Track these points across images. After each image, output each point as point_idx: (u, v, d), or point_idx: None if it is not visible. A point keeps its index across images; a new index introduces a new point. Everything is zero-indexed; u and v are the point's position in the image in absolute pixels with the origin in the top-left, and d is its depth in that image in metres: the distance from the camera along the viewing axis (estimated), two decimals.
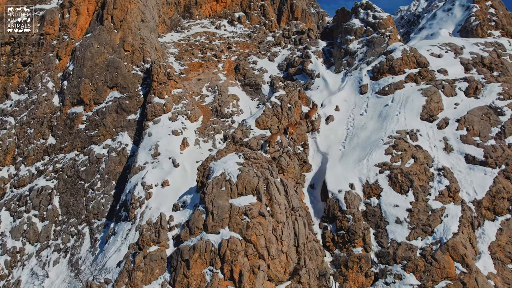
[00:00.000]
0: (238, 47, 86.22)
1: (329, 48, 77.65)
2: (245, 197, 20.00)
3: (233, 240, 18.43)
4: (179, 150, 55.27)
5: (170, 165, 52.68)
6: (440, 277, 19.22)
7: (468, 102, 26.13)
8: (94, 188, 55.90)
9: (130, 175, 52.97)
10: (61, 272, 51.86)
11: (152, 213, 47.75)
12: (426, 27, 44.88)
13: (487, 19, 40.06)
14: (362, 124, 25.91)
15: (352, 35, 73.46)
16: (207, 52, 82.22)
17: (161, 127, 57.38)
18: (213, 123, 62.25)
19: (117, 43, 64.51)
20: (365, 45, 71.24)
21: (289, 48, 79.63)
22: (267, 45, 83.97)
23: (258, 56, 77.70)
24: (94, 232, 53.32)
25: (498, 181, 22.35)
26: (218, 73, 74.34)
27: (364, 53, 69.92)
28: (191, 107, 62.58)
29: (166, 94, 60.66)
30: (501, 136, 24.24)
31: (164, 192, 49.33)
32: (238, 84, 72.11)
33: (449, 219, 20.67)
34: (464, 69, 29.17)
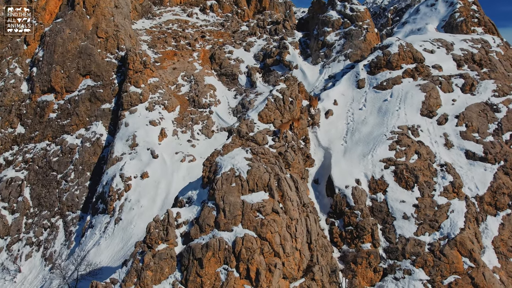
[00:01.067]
0: (212, 36, 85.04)
1: (305, 40, 77.76)
2: (257, 194, 19.58)
3: (248, 238, 18.03)
4: (158, 141, 54.29)
5: (149, 156, 51.63)
6: (449, 272, 19.49)
7: (465, 98, 26.55)
8: (68, 179, 54.09)
9: (107, 166, 51.53)
10: (34, 267, 50.08)
11: (132, 205, 46.82)
12: (410, 21, 45.40)
13: (470, 15, 40.88)
14: (362, 119, 25.90)
15: (329, 27, 73.77)
16: (180, 41, 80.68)
17: (138, 117, 56.12)
18: (191, 114, 61.34)
19: (90, 29, 62.32)
20: (343, 37, 71.76)
21: (264, 38, 79.20)
22: (242, 34, 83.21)
23: (234, 45, 76.96)
24: (68, 225, 51.70)
25: (498, 177, 22.84)
26: (193, 62, 73.19)
27: (341, 45, 70.42)
28: (168, 96, 61.32)
29: (142, 83, 59.16)
30: (498, 132, 24.77)
31: (143, 184, 48.40)
32: (214, 73, 71.27)
33: (455, 215, 20.96)
34: (457, 65, 29.61)
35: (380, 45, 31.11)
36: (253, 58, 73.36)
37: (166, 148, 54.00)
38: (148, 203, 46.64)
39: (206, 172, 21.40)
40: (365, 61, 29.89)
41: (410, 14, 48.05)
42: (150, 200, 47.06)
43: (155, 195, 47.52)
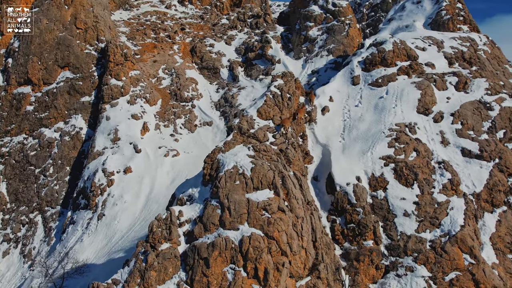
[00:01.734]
0: (191, 29, 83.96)
1: (287, 34, 77.64)
2: (262, 192, 19.36)
3: (255, 237, 17.80)
4: (140, 135, 53.37)
5: (132, 150, 50.72)
6: (450, 269, 19.75)
7: (459, 96, 26.89)
8: (46, 174, 52.64)
9: (88, 160, 50.34)
10: (12, 264, 48.70)
11: (115, 201, 45.94)
12: (396, 18, 45.74)
13: (456, 13, 41.46)
14: (359, 116, 25.94)
15: (311, 22, 73.84)
16: (160, 33, 79.36)
17: (120, 110, 54.99)
18: (173, 107, 60.50)
19: (68, 19, 60.58)
20: (325, 32, 71.95)
21: (245, 32, 78.65)
22: (223, 28, 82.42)
23: (215, 39, 76.18)
24: (48, 220, 50.38)
25: (494, 174, 23.24)
26: (174, 55, 72.10)
27: (324, 40, 70.61)
28: (149, 90, 60.27)
29: (123, 76, 57.95)
30: (492, 130, 25.21)
31: (127, 179, 47.54)
32: (195, 67, 70.42)
33: (455, 212, 21.23)
34: (448, 63, 29.98)
35: (374, 42, 31.18)
36: (235, 52, 72.78)
37: (149, 142, 53.16)
38: (132, 198, 45.86)
39: (208, 170, 21.02)
40: (359, 57, 29.90)
41: (395, 11, 48.40)
42: (133, 195, 46.27)
43: (139, 191, 46.76)
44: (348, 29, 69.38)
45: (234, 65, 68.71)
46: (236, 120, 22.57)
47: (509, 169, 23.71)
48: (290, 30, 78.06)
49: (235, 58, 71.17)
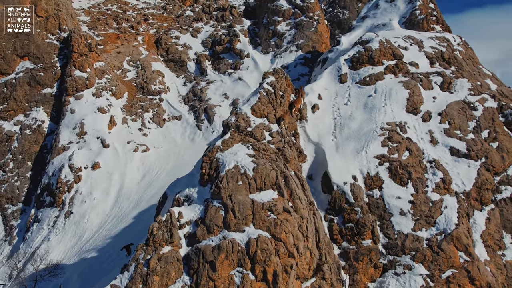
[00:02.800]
0: (155, 20, 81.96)
1: (254, 28, 77.18)
2: (266, 192, 18.99)
3: (262, 238, 17.42)
4: (107, 129, 51.63)
5: (99, 145, 48.97)
6: (446, 266, 20.17)
7: (444, 96, 27.46)
8: (6, 169, 49.94)
9: (52, 155, 48.14)
10: None
11: (84, 198, 44.27)
12: (370, 16, 46.25)
13: (429, 13, 42.41)
14: (349, 114, 25.99)
15: (280, 17, 73.69)
16: (122, 23, 76.96)
17: (85, 103, 52.90)
18: (140, 101, 58.86)
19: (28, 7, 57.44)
20: (294, 27, 72.04)
21: (212, 25, 77.53)
22: (188, 20, 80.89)
23: (180, 31, 74.61)
24: (8, 219, 47.88)
25: (481, 173, 23.92)
26: (138, 47, 70.13)
27: (292, 36, 70.71)
28: (115, 82, 58.27)
29: (88, 67, 55.68)
30: (477, 130, 25.92)
31: (95, 175, 45.90)
32: (160, 59, 68.80)
33: (449, 211, 21.68)
34: (429, 63, 30.54)
35: (360, 40, 31.30)
36: (201, 45, 71.65)
37: (117, 137, 51.50)
38: (101, 195, 44.38)
39: (206, 169, 20.39)
40: (345, 55, 29.93)
41: (368, 8, 48.94)
42: (103, 192, 44.78)
43: (108, 187, 45.31)
44: (317, 25, 69.79)
45: (202, 59, 67.63)
46: (232, 117, 22.04)
47: (495, 168, 24.48)
48: (257, 24, 77.60)
49: (202, 51, 70.03)
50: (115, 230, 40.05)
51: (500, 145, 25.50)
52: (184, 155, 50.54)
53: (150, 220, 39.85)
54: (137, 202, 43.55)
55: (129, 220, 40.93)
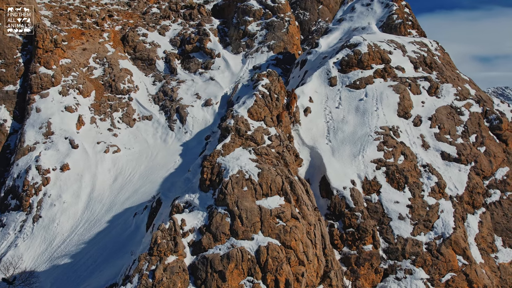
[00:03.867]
0: (120, 16, 79.59)
1: (223, 27, 76.30)
2: (272, 198, 18.53)
3: (273, 246, 16.94)
4: (76, 129, 49.59)
5: (68, 146, 46.92)
6: (446, 270, 20.39)
7: (432, 101, 27.86)
8: None
9: (16, 156, 45.71)
10: None
11: (53, 201, 42.32)
12: (346, 19, 46.48)
13: (405, 18, 43.10)
14: (342, 118, 25.90)
15: (250, 17, 73.16)
16: (86, 19, 74.23)
17: (51, 101, 50.69)
18: (108, 100, 56.88)
19: None
20: (265, 28, 71.70)
21: (180, 23, 76.12)
22: (154, 17, 79.06)
23: (147, 28, 72.81)
24: None
25: (472, 177, 24.39)
26: (104, 44, 67.82)
27: (263, 36, 70.38)
28: (82, 80, 56.07)
29: (53, 64, 53.33)
30: (466, 134, 26.43)
31: (64, 177, 43.93)
32: (128, 57, 66.81)
33: (445, 215, 21.95)
34: (414, 68, 30.93)
35: (348, 43, 31.30)
36: (170, 43, 70.15)
37: (86, 137, 49.54)
38: (72, 198, 42.54)
39: (208, 174, 19.67)
40: (334, 58, 29.84)
41: (344, 11, 49.18)
42: (73, 195, 42.93)
43: (79, 190, 43.50)
44: (288, 26, 69.82)
45: (171, 57, 66.21)
46: (231, 121, 21.43)
47: (484, 172, 25.02)
48: (226, 23, 76.79)
49: (171, 50, 68.56)
50: (89, 235, 38.42)
51: (487, 150, 26.11)
52: (157, 157, 49.24)
53: (126, 224, 38.56)
54: (110, 205, 42.00)
55: (102, 224, 39.40)
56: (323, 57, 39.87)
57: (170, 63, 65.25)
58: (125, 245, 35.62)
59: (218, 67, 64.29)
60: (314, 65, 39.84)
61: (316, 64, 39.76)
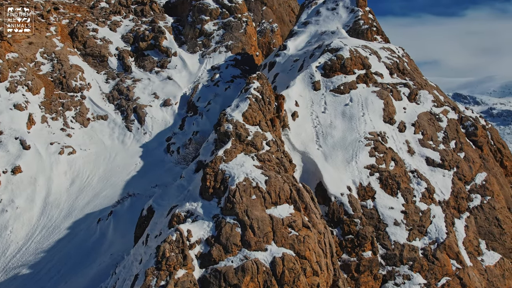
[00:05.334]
0: (66, 9, 75.52)
1: (177, 25, 74.51)
2: (282, 207, 17.98)
3: (288, 257, 16.42)
4: (26, 129, 46.45)
5: (19, 147, 43.86)
6: (441, 275, 20.84)
7: (413, 107, 28.49)
8: None
9: None
10: None
11: (5, 207, 39.36)
12: (312, 22, 46.72)
13: (369, 23, 43.98)
14: (329, 123, 25.82)
15: (207, 16, 71.96)
16: (30, 11, 69.65)
17: None
18: (60, 98, 53.73)
19: None
20: (222, 27, 70.81)
21: (131, 19, 73.52)
22: (104, 12, 75.73)
23: (97, 23, 69.75)
24: None
25: (455, 182, 25.15)
26: (52, 38, 64.08)
27: (221, 36, 69.48)
28: (31, 76, 52.62)
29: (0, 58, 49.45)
30: (446, 140, 27.24)
31: (16, 181, 41.02)
32: (77, 53, 63.55)
33: (437, 220, 22.46)
34: (389, 73, 31.52)
35: (329, 47, 31.32)
36: (122, 40, 67.57)
37: (38, 137, 46.47)
38: (26, 203, 39.82)
39: (211, 182, 18.78)
40: (316, 62, 29.75)
41: (308, 14, 49.42)
42: (27, 200, 40.19)
43: (33, 194, 40.78)
44: (246, 26, 69.39)
45: (124, 55, 63.71)
46: (229, 125, 20.68)
47: (466, 177, 25.89)
48: (180, 21, 74.99)
49: (123, 47, 65.96)
50: (48, 243, 35.94)
51: (467, 155, 27.06)
52: (116, 159, 47.09)
53: (89, 231, 36.46)
54: (69, 210, 39.60)
55: (62, 231, 37.05)
56: (293, 60, 39.84)
57: (124, 60, 62.77)
58: (90, 253, 33.68)
59: (175, 66, 62.63)
60: (285, 68, 39.73)
61: (287, 67, 39.66)
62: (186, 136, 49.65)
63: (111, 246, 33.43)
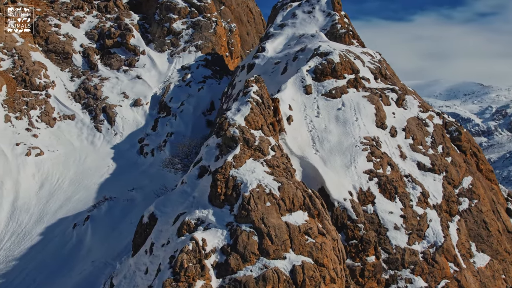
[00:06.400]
0: (25, 3, 71.96)
1: (143, 23, 72.81)
2: (296, 214, 17.81)
3: (308, 265, 16.27)
4: None
5: None
6: (440, 277, 21.39)
7: (401, 112, 29.05)
8: None
9: None
10: None
11: None
12: (289, 25, 46.78)
13: (346, 27, 44.55)
14: (324, 127, 25.88)
15: (175, 14, 70.73)
16: None
17: None
18: (23, 96, 51.30)
19: None
20: (191, 27, 69.82)
21: (95, 15, 71.21)
22: (65, 7, 72.82)
23: (59, 18, 67.09)
24: None
25: (445, 186, 25.86)
26: (12, 33, 60.79)
27: (190, 35, 68.51)
28: None
29: None
30: (434, 145, 27.96)
31: None
32: (39, 49, 60.83)
33: (434, 223, 23.01)
34: (374, 78, 32.03)
35: (318, 51, 31.40)
36: (86, 37, 65.27)
37: (2, 137, 44.31)
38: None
39: (222, 188, 18.33)
40: (306, 66, 29.76)
41: (284, 17, 49.43)
42: None
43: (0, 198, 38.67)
44: (216, 26, 68.74)
45: (90, 52, 61.58)
46: (235, 130, 20.32)
47: (454, 182, 26.68)
48: (147, 19, 73.34)
49: (88, 44, 63.66)
50: (19, 250, 34.16)
51: (453, 160, 27.90)
52: (86, 160, 45.37)
53: (65, 237, 34.97)
54: (40, 215, 37.82)
55: (35, 237, 35.34)
56: (274, 62, 39.74)
57: (89, 58, 60.64)
58: (67, 260, 32.32)
59: (144, 65, 61.12)
60: (266, 71, 39.54)
61: (268, 70, 39.49)
62: (159, 137, 48.54)
63: (90, 253, 32.13)
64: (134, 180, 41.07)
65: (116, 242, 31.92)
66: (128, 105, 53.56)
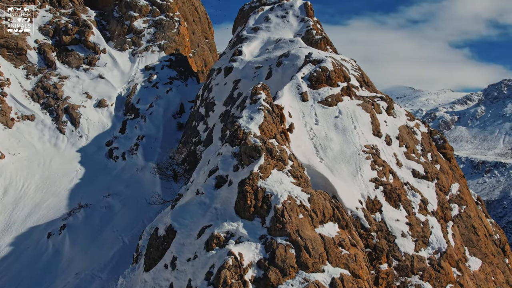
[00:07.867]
0: None
1: (101, 20, 70.00)
2: (328, 225, 17.88)
3: (346, 278, 16.38)
4: None
5: None
6: (446, 282, 22.27)
7: (392, 120, 29.87)
8: None
9: None
10: None
11: None
12: (263, 28, 46.67)
13: (320, 34, 45.14)
14: (324, 135, 26.09)
15: (136, 12, 68.70)
16: None
17: None
18: None
19: None
20: (153, 26, 68.09)
21: (48, 10, 67.59)
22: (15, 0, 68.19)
23: (9, 12, 62.61)
24: None
25: (438, 193, 26.92)
26: None
27: (152, 35, 66.85)
28: None
29: None
30: (424, 153, 29.00)
31: None
32: None
33: (436, 230, 23.92)
34: (359, 85, 32.77)
35: (311, 58, 31.58)
36: (40, 32, 61.72)
37: None
38: None
39: (252, 200, 18.01)
40: (300, 73, 29.84)
41: (256, 20, 49.21)
42: None
43: None
44: (179, 26, 67.30)
45: (46, 48, 58.43)
46: (256, 139, 20.13)
47: (445, 188, 27.85)
48: (104, 16, 70.58)
49: (43, 40, 60.23)
50: None
51: (442, 167, 29.10)
52: (52, 164, 43.02)
53: (39, 247, 33.08)
54: (7, 224, 35.46)
55: (4, 248, 33.26)
56: (255, 66, 39.59)
57: (46, 55, 57.53)
58: (45, 274, 30.69)
59: (105, 64, 58.81)
60: (247, 75, 39.33)
61: (249, 74, 39.29)
62: (129, 140, 46.86)
63: (72, 264, 30.53)
64: (107, 186, 39.38)
65: (100, 253, 30.48)
66: (92, 105, 51.26)
